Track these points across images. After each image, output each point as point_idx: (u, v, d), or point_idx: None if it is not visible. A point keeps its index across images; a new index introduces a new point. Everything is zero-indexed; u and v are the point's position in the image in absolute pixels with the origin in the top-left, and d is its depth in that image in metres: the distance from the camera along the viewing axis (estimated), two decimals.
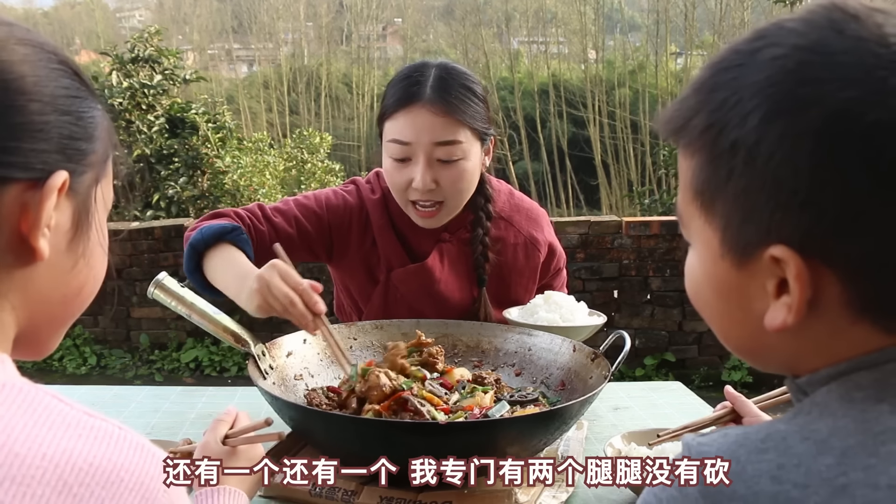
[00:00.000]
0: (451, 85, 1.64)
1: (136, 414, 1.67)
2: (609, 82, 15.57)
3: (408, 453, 1.17)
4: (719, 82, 0.62)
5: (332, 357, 1.53)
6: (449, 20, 20.55)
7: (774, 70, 0.58)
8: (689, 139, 0.65)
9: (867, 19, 0.57)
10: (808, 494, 0.54)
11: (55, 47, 0.69)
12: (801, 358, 0.65)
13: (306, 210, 1.75)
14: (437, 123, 1.62)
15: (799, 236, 0.58)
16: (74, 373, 5.42)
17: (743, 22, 14.12)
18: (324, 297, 1.41)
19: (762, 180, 0.59)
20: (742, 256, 0.63)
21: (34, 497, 0.51)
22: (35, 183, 0.63)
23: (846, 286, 0.59)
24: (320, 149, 9.51)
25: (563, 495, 1.27)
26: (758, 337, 0.65)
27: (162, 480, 0.58)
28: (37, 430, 0.55)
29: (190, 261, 1.61)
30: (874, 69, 0.55)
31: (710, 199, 0.64)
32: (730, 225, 0.63)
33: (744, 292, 0.64)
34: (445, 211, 1.72)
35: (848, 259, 0.58)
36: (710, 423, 1.26)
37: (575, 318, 1.68)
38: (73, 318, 0.74)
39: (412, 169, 1.65)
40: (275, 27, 20.02)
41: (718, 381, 5.14)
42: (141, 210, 7.09)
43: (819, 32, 0.58)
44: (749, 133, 0.59)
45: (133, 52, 7.55)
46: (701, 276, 0.69)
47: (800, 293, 0.60)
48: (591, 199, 15.55)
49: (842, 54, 0.56)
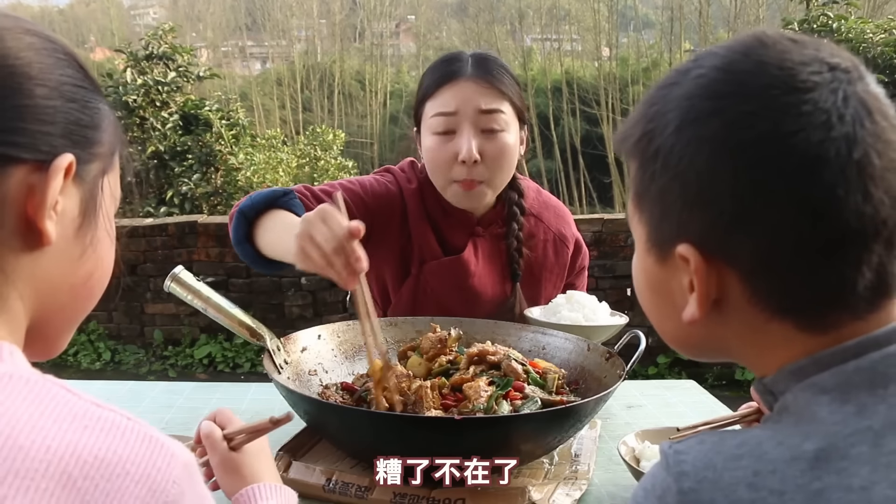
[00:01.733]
0: (490, 63, 1.70)
1: (151, 409, 1.68)
2: (623, 80, 15.52)
3: (422, 449, 1.17)
4: (656, 97, 0.70)
5: (361, 337, 1.37)
6: (462, 17, 20.54)
7: (693, 86, 0.66)
8: (629, 147, 0.72)
9: (773, 46, 0.65)
10: (785, 501, 0.56)
11: (60, 41, 0.70)
12: (733, 350, 0.71)
13: (353, 195, 1.73)
14: (481, 91, 1.66)
15: (700, 234, 0.66)
16: (89, 368, 5.45)
17: (758, 18, 14.04)
18: (340, 293, 1.40)
19: (674, 181, 0.66)
20: (661, 252, 0.70)
21: (38, 490, 0.51)
22: (41, 165, 0.64)
23: (746, 283, 0.65)
24: (333, 146, 9.53)
25: (576, 493, 1.27)
26: (686, 330, 0.71)
27: (171, 471, 0.57)
28: (42, 422, 0.54)
29: (239, 229, 1.55)
30: (769, 88, 0.62)
31: (640, 199, 0.72)
32: (652, 223, 0.71)
33: (667, 287, 0.71)
34: (485, 188, 1.72)
35: (744, 257, 0.64)
36: (735, 422, 1.25)
37: (598, 317, 1.68)
38: (82, 311, 0.74)
39: (457, 142, 1.66)
40: (288, 24, 20.08)
41: (732, 380, 5.12)
42: (154, 206, 7.13)
43: (732, 56, 0.66)
44: (667, 139, 0.66)
45: (147, 50, 7.58)
46: (639, 271, 0.76)
47: (699, 287, 0.66)
48: (604, 196, 15.51)
49: (744, 74, 0.64)
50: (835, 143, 0.60)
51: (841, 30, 6.39)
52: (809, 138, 0.60)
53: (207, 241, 5.29)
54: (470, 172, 1.67)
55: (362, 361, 1.61)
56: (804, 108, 0.61)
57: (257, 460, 1.07)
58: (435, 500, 1.19)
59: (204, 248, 5.31)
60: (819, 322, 0.65)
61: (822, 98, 0.61)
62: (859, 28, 6.38)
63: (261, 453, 1.09)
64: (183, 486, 0.57)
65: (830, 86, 0.62)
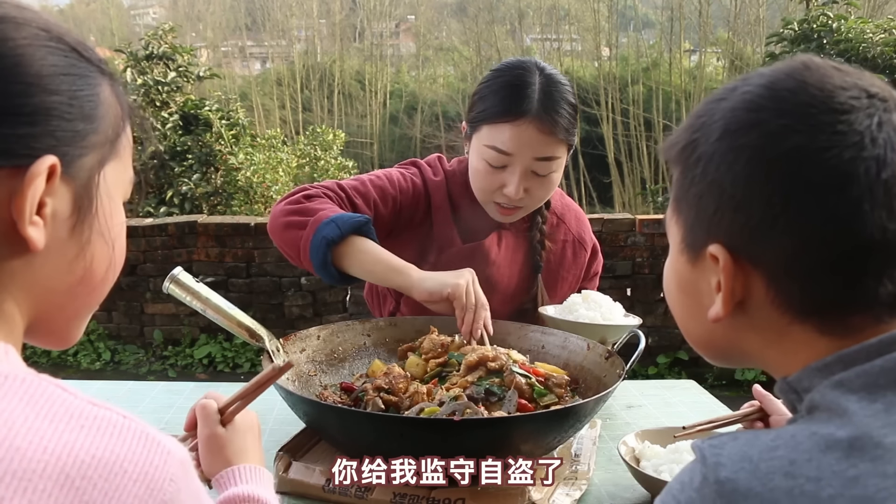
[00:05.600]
0: (557, 102, 1.63)
1: (151, 409, 1.68)
2: (622, 80, 15.52)
3: (422, 449, 1.17)
4: (704, 110, 0.75)
5: None
6: (462, 17, 20.52)
7: (738, 101, 0.71)
8: (675, 155, 0.77)
9: (816, 70, 0.70)
10: (822, 486, 0.57)
11: (48, 23, 0.65)
12: (754, 353, 0.75)
13: (383, 192, 1.74)
14: (543, 141, 1.63)
15: (731, 235, 0.70)
16: (89, 368, 5.45)
17: (758, 18, 14.04)
18: (340, 293, 1.41)
19: (711, 186, 0.71)
20: (694, 252, 0.75)
21: (36, 491, 0.51)
22: (23, 169, 0.60)
23: (770, 285, 0.69)
24: (333, 146, 9.52)
25: (576, 493, 1.27)
26: (710, 331, 0.76)
27: (168, 469, 0.57)
28: (38, 423, 0.54)
29: (326, 255, 1.56)
30: (807, 106, 0.67)
31: (678, 203, 0.77)
32: (687, 225, 0.76)
33: (696, 288, 0.76)
34: (524, 211, 1.76)
35: (770, 260, 0.68)
36: (737, 420, 1.25)
37: (614, 317, 1.68)
38: (86, 307, 0.72)
39: (505, 176, 1.66)
40: (288, 24, 20.07)
41: (732, 380, 5.11)
42: (154, 206, 7.12)
43: (777, 75, 0.71)
44: (709, 147, 0.71)
45: (147, 50, 7.59)
46: (670, 272, 0.81)
47: (726, 286, 0.71)
48: (604, 196, 15.51)
49: (785, 91, 0.69)
50: (865, 162, 0.64)
51: (841, 30, 6.39)
52: (842, 155, 0.64)
53: (207, 241, 5.28)
54: (512, 202, 1.69)
55: (362, 361, 1.61)
56: (839, 127, 0.65)
57: (243, 439, 1.03)
58: (435, 500, 1.19)
59: (204, 248, 5.30)
60: (840, 326, 0.68)
61: (857, 121, 0.66)
62: (859, 28, 6.39)
63: (248, 431, 1.04)
64: (179, 484, 0.57)
65: (867, 111, 0.66)
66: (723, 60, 15.24)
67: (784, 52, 6.64)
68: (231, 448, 1.01)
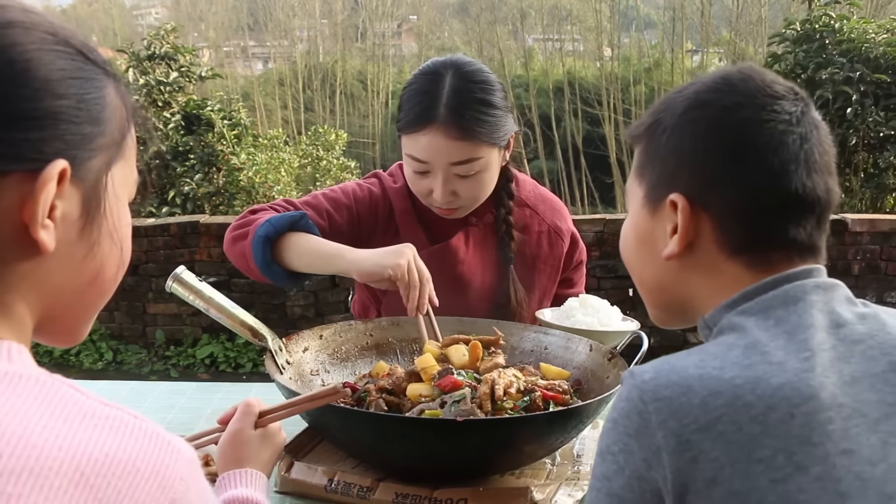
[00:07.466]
0: (466, 102, 1.59)
1: (153, 409, 1.68)
2: (624, 80, 15.52)
3: (425, 450, 1.17)
4: (665, 99, 0.94)
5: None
6: (464, 17, 20.55)
7: (700, 86, 0.91)
8: (640, 132, 0.95)
9: (758, 70, 0.91)
10: (725, 371, 0.77)
11: (55, 26, 0.65)
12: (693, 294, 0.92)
13: (336, 203, 1.75)
14: (453, 147, 1.60)
15: (688, 186, 0.88)
16: (91, 368, 5.46)
17: (760, 18, 14.03)
18: (342, 293, 1.41)
19: (674, 150, 0.89)
20: (654, 205, 0.92)
21: (52, 488, 0.51)
22: (34, 173, 0.61)
23: (716, 226, 0.87)
24: (335, 146, 9.51)
25: (578, 493, 1.27)
26: (662, 273, 0.93)
27: (178, 468, 0.58)
28: (53, 422, 0.55)
29: (265, 252, 1.60)
30: (754, 90, 0.87)
31: (642, 168, 0.94)
32: (651, 183, 0.93)
33: (653, 236, 0.93)
34: (464, 209, 1.74)
35: (718, 204, 0.87)
36: None
37: (612, 322, 1.67)
38: (93, 307, 0.73)
39: (431, 181, 1.65)
40: (290, 24, 20.09)
41: None
42: (156, 206, 7.12)
43: (730, 71, 0.91)
44: (673, 120, 0.90)
45: (149, 50, 7.58)
46: (629, 228, 0.99)
47: (682, 227, 0.88)
48: (605, 196, 15.51)
49: (737, 80, 0.89)
50: (792, 134, 0.86)
51: (843, 30, 6.36)
52: (777, 127, 0.85)
53: (209, 240, 5.28)
54: (447, 204, 1.68)
55: (364, 361, 1.61)
56: (776, 107, 0.86)
57: (265, 448, 1.07)
58: (437, 501, 1.19)
59: (206, 248, 5.31)
60: (763, 261, 0.86)
61: (788, 106, 0.87)
62: (861, 28, 6.36)
63: (272, 445, 1.08)
64: (188, 483, 0.59)
65: (794, 101, 0.88)
66: (725, 61, 15.23)
67: (786, 52, 6.60)
68: (249, 449, 1.05)
